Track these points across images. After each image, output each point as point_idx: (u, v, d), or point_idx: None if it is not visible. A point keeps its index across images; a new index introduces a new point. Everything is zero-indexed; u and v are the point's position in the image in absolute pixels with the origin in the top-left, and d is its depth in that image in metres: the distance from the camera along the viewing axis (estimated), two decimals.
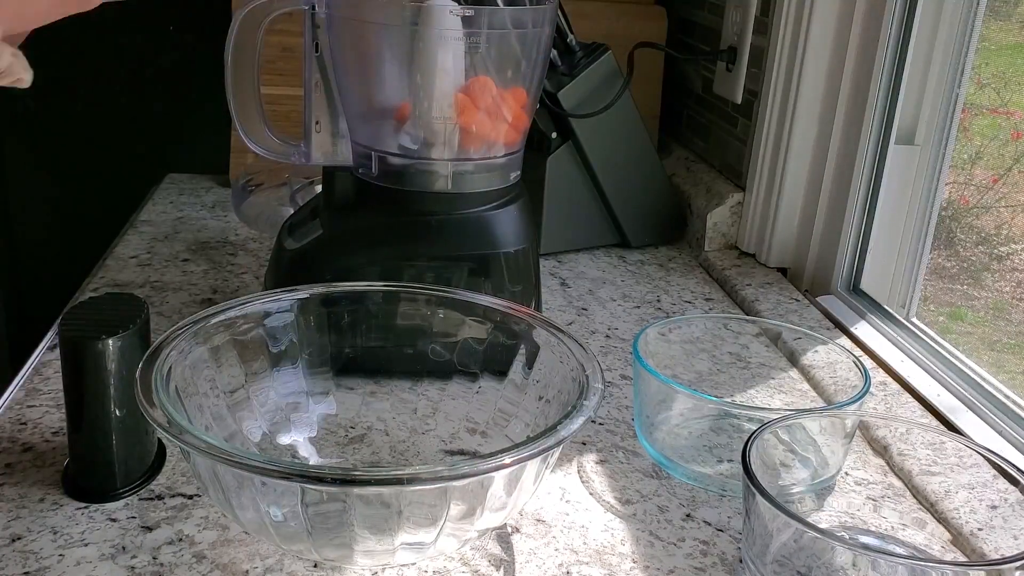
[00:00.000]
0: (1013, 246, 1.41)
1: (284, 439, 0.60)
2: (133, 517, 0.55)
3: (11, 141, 1.33)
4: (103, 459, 0.55)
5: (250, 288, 0.88)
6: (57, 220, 1.36)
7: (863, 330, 0.84)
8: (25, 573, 0.50)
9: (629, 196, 1.03)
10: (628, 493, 0.61)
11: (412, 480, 0.44)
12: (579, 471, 0.63)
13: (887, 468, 0.65)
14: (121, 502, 0.56)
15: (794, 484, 0.61)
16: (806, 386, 0.75)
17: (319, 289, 0.63)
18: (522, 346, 0.61)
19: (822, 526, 0.58)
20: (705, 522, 0.59)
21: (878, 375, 0.77)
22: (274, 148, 0.73)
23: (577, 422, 0.49)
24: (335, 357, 0.64)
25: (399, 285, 0.65)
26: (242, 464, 0.44)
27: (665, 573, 0.54)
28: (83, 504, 0.55)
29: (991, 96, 1.35)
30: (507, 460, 0.46)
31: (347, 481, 0.44)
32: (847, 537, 0.58)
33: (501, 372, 0.62)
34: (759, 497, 0.49)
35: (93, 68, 1.30)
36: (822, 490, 0.62)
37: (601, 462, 0.64)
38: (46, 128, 1.33)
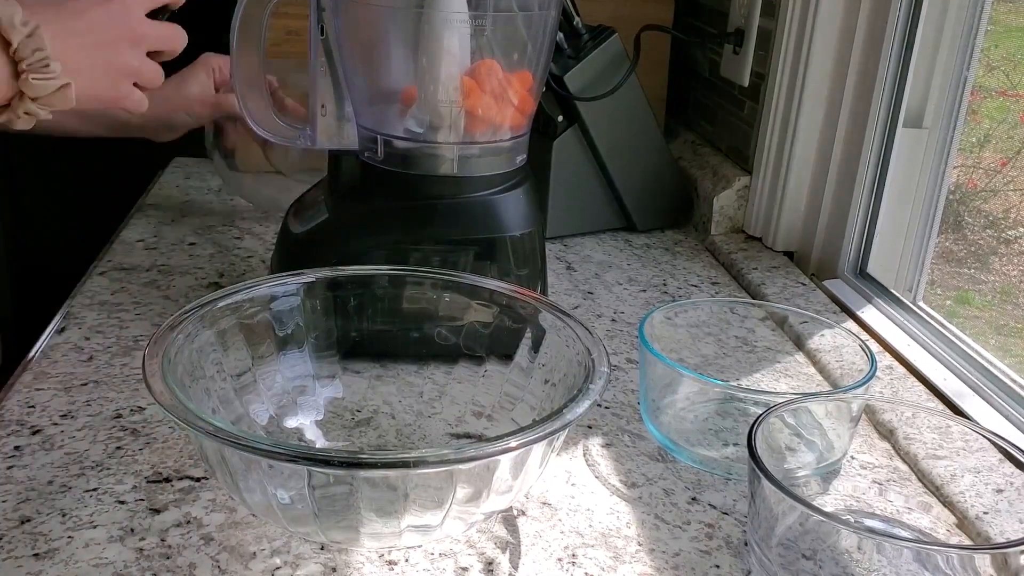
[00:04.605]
0: (1021, 230, 1.40)
1: (291, 422, 0.61)
2: (141, 500, 0.55)
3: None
4: None
5: (256, 272, 0.88)
6: (64, 204, 1.37)
7: (869, 314, 0.84)
8: (34, 555, 0.50)
9: (635, 180, 1.03)
10: (634, 476, 0.61)
11: (418, 463, 0.44)
12: (585, 454, 0.63)
13: (893, 452, 0.65)
14: (129, 484, 0.56)
15: (800, 468, 0.61)
16: (812, 370, 0.75)
17: (325, 273, 0.63)
18: (528, 330, 0.61)
19: (827, 509, 0.58)
20: (711, 505, 0.59)
21: (884, 359, 0.77)
22: (279, 132, 0.73)
23: (583, 406, 0.49)
24: (341, 341, 0.64)
25: (405, 269, 0.65)
26: (249, 447, 0.44)
27: (670, 556, 0.54)
28: (91, 487, 0.56)
29: (1000, 79, 1.34)
30: (513, 443, 0.46)
31: (354, 464, 0.45)
32: (852, 520, 0.58)
33: (507, 356, 0.62)
34: (764, 480, 0.49)
35: None
36: (827, 474, 0.62)
37: (607, 445, 0.65)
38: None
